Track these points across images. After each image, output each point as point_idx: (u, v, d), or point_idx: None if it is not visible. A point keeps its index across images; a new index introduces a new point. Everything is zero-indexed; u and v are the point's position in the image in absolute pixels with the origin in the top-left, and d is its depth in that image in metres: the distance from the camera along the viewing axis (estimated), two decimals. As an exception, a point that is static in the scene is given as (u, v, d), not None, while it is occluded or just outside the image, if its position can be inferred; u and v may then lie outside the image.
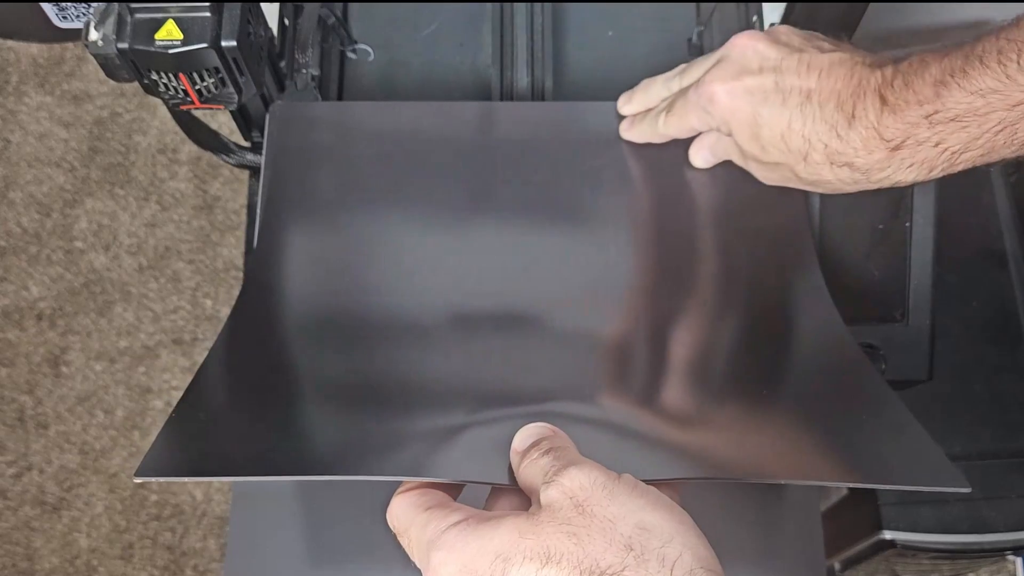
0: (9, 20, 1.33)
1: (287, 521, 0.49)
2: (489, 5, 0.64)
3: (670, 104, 0.51)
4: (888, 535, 0.76)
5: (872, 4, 0.52)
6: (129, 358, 1.24)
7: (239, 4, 0.49)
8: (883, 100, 0.43)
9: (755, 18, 0.62)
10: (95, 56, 0.49)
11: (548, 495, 0.33)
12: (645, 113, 0.54)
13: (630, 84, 0.64)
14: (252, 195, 0.62)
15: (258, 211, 0.53)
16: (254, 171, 0.61)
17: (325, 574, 0.48)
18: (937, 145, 0.42)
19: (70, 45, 1.35)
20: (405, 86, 0.64)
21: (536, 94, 0.61)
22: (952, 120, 0.41)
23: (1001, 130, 0.41)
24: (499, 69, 0.62)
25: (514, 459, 0.37)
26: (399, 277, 0.51)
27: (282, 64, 0.58)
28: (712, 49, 0.63)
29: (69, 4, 1.25)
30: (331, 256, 0.53)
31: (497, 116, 0.57)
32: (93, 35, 0.49)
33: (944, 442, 0.78)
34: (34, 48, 1.35)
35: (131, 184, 1.30)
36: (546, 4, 0.64)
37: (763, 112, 0.46)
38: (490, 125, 0.57)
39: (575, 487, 0.33)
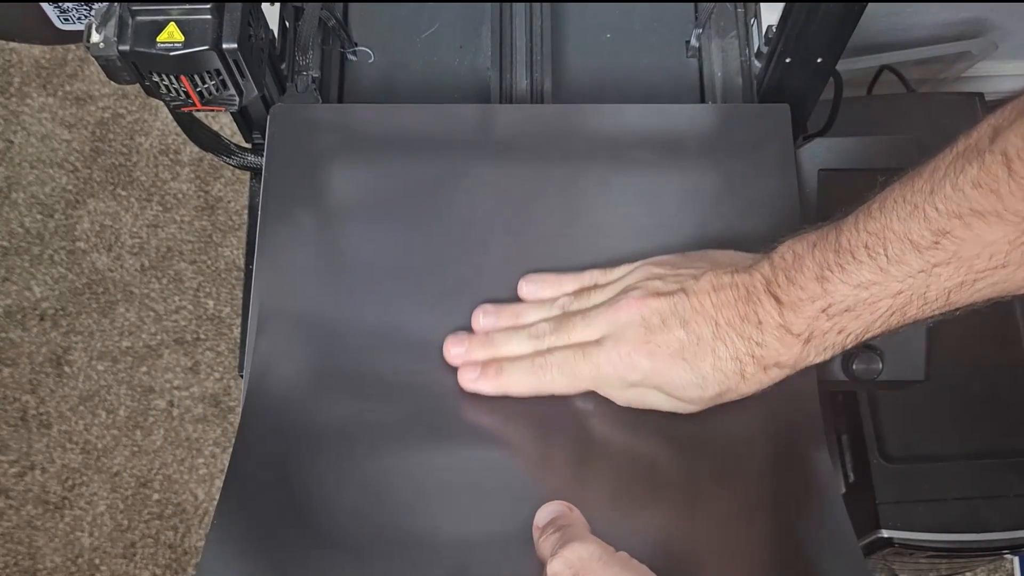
0: (11, 22, 1.33)
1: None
2: (488, 6, 0.64)
3: (562, 363, 0.49)
4: (886, 533, 0.76)
5: (872, 4, 0.52)
6: (131, 358, 1.24)
7: (240, 6, 0.50)
8: (778, 300, 0.45)
9: (752, 20, 0.62)
10: (96, 58, 0.50)
11: (552, 567, 0.38)
12: (508, 363, 0.49)
13: (629, 85, 0.65)
14: (253, 196, 0.62)
15: (259, 213, 0.54)
16: (255, 172, 0.61)
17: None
18: (840, 332, 0.44)
19: (72, 47, 1.35)
20: (405, 88, 0.64)
21: (535, 96, 0.62)
22: (846, 311, 0.43)
23: (892, 314, 0.43)
24: (498, 71, 0.62)
25: (535, 533, 0.41)
26: (403, 314, 0.52)
27: (283, 66, 0.59)
28: (710, 50, 0.64)
29: (71, 6, 1.26)
30: (333, 272, 0.53)
31: (497, 118, 0.58)
32: (95, 37, 0.49)
33: (942, 442, 0.78)
34: (36, 50, 1.35)
35: (133, 185, 1.31)
36: (544, 4, 0.64)
37: (688, 361, 0.46)
38: (490, 128, 0.57)
39: (574, 558, 0.37)
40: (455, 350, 0.50)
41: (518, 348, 0.50)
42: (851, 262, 0.42)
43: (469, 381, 0.49)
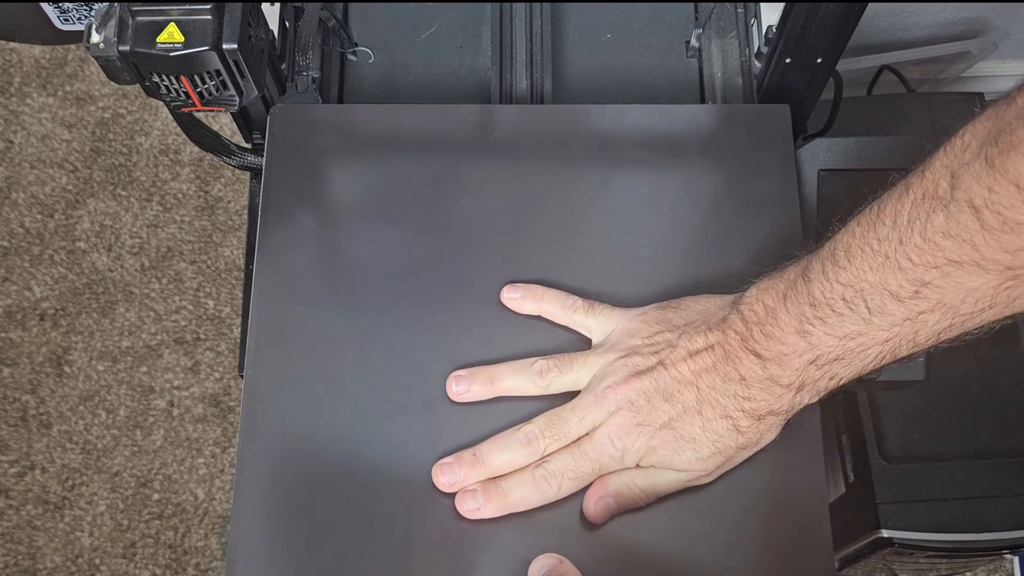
0: (11, 22, 1.33)
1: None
2: (488, 6, 0.64)
3: (564, 468, 0.47)
4: (886, 533, 0.76)
5: (872, 4, 0.52)
6: (131, 358, 1.24)
7: (240, 6, 0.50)
8: (758, 355, 0.44)
9: (752, 20, 0.62)
10: (97, 58, 0.50)
11: None
12: (508, 481, 0.47)
13: (629, 85, 0.65)
14: (253, 197, 0.62)
15: (259, 213, 0.54)
16: (255, 172, 0.61)
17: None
18: (832, 378, 0.44)
19: (72, 47, 1.35)
20: (405, 88, 0.64)
21: (535, 97, 0.62)
22: (835, 360, 0.43)
23: (884, 357, 0.43)
24: (498, 72, 0.62)
25: None
26: (400, 326, 0.51)
27: (283, 66, 0.59)
28: (710, 50, 0.64)
29: (71, 6, 1.26)
30: (332, 272, 0.53)
31: (497, 119, 0.58)
32: (95, 37, 0.49)
33: (942, 442, 0.78)
34: (36, 50, 1.35)
35: (133, 185, 1.31)
36: (544, 4, 0.64)
37: (675, 429, 0.46)
38: (490, 128, 0.57)
39: None
40: (446, 479, 0.47)
41: (512, 459, 0.47)
42: (831, 315, 0.42)
43: (471, 511, 0.46)
